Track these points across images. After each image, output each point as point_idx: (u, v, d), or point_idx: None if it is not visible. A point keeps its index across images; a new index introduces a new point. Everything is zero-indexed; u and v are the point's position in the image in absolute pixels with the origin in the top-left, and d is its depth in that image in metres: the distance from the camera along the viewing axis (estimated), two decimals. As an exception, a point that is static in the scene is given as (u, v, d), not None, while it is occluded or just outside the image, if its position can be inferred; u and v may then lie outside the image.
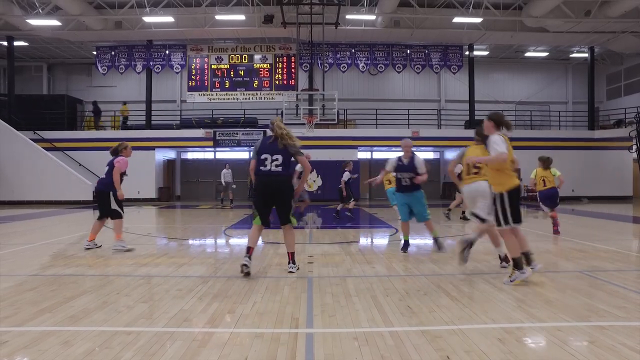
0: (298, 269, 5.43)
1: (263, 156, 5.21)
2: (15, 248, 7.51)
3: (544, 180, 8.63)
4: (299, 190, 5.65)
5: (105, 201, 6.99)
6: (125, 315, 3.84)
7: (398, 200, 7.01)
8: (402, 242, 6.95)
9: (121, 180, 7.00)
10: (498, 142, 4.69)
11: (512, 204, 4.73)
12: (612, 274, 5.33)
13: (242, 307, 4.03)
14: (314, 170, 20.11)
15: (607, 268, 5.70)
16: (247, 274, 5.15)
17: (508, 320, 3.69)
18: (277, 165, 5.17)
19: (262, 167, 5.20)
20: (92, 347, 3.08)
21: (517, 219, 4.77)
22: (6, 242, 8.27)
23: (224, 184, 17.88)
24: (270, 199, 5.28)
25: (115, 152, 7.13)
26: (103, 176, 7.06)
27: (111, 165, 7.02)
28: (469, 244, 5.27)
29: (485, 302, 4.20)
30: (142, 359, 2.89)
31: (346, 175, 11.99)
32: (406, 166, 6.61)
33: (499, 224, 4.83)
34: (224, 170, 18.05)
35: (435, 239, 6.76)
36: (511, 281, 4.73)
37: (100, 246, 7.20)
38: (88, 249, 7.08)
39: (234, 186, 18.28)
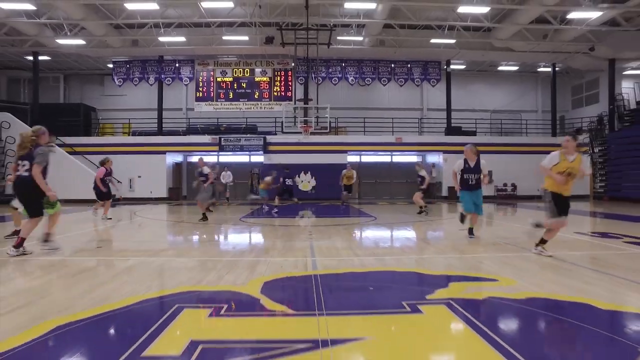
0: (19, 255, 6.04)
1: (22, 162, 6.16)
2: (76, 231, 10.00)
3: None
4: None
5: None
6: (197, 256, 6.41)
7: (464, 196, 8.06)
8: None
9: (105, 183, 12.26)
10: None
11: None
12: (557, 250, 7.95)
13: (268, 255, 6.60)
14: (309, 172, 22.75)
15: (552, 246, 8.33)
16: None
17: (461, 252, 6.33)
18: (26, 170, 6.12)
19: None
20: (195, 265, 5.64)
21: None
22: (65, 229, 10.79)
23: (223, 182, 20.34)
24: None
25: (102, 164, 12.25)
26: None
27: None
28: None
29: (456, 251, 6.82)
30: (229, 271, 5.41)
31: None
32: (472, 168, 7.98)
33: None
34: (224, 172, 20.52)
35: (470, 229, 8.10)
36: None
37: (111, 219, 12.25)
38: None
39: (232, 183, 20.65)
